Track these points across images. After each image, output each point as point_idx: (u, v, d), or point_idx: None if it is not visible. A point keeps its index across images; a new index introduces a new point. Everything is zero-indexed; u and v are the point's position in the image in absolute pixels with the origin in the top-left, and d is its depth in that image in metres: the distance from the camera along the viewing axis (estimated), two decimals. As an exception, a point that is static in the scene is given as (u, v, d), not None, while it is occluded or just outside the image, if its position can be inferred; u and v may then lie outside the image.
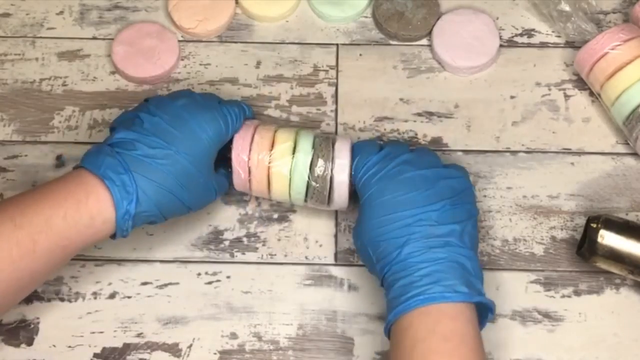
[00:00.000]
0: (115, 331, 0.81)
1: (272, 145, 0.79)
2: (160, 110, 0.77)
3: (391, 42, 0.95)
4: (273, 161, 0.79)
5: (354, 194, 0.80)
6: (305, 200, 0.80)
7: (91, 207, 0.72)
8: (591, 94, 0.91)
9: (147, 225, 0.77)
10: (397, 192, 0.75)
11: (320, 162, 0.79)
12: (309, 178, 0.79)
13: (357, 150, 0.80)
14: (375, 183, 0.76)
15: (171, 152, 0.75)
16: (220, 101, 0.81)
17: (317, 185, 0.79)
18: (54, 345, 0.80)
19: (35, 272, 0.71)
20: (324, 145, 0.80)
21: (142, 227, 0.77)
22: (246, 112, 0.82)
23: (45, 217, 0.71)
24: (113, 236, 0.75)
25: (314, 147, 0.79)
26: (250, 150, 0.79)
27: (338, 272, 0.84)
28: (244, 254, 0.84)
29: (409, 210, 0.74)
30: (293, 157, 0.79)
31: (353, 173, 0.79)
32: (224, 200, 0.86)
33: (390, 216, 0.74)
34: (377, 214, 0.75)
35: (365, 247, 0.75)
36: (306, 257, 0.84)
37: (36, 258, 0.71)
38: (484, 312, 0.73)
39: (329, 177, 0.79)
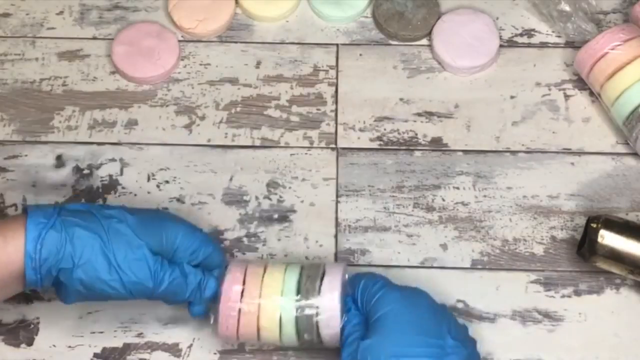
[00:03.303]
0: (115, 331, 0.81)
1: (260, 293, 0.73)
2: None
3: (391, 42, 0.95)
4: (261, 313, 0.73)
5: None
6: (299, 342, 0.75)
7: (7, 230, 0.69)
8: (591, 94, 0.91)
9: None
10: (425, 315, 0.71)
11: (306, 305, 0.72)
12: (296, 325, 0.73)
13: (357, 277, 0.75)
14: (395, 300, 0.71)
15: (117, 215, 0.71)
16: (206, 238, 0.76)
17: (306, 332, 0.73)
18: (54, 345, 0.80)
19: None
20: (310, 284, 0.73)
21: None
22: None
23: None
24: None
25: (299, 287, 0.73)
26: (240, 301, 0.73)
27: (338, 272, 0.84)
28: (244, 254, 0.84)
29: (440, 340, 0.69)
30: (280, 307, 0.73)
31: (360, 289, 0.73)
32: (224, 200, 0.86)
33: (422, 338, 0.69)
34: (405, 330, 0.70)
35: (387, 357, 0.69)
36: (306, 257, 0.84)
37: None
38: None
39: (314, 322, 0.73)
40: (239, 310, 0.73)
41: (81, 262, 0.69)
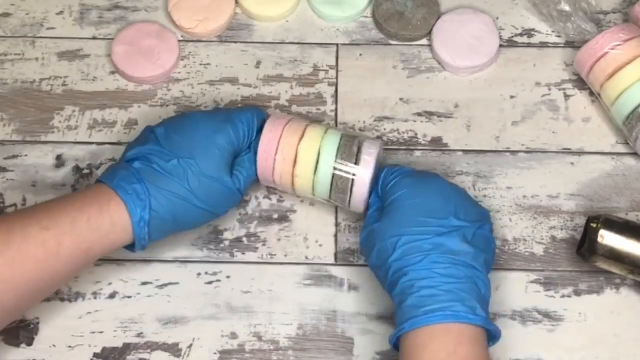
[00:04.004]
0: (115, 331, 0.81)
1: (301, 139, 0.80)
2: (169, 124, 0.79)
3: (391, 42, 0.95)
4: (300, 154, 0.79)
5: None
6: (330, 196, 0.80)
7: (112, 213, 0.74)
8: (591, 94, 0.91)
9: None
10: (432, 198, 0.75)
11: (345, 159, 0.79)
12: (333, 172, 0.79)
13: (382, 167, 0.80)
14: (408, 185, 0.76)
15: (182, 163, 0.76)
16: (231, 110, 0.82)
17: (340, 181, 0.79)
18: (54, 345, 0.80)
19: (56, 274, 0.72)
20: (351, 143, 0.79)
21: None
22: (259, 116, 0.82)
23: (70, 220, 0.72)
24: (133, 248, 0.76)
25: (340, 143, 0.79)
26: (279, 141, 0.80)
27: (338, 272, 0.84)
28: (244, 254, 0.84)
29: (443, 220, 0.73)
30: (320, 151, 0.79)
31: (383, 176, 0.79)
32: (224, 200, 0.86)
33: (423, 219, 0.73)
34: (409, 213, 0.74)
35: (385, 242, 0.74)
36: (306, 257, 0.84)
37: (59, 260, 0.72)
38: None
39: (351, 176, 0.78)
40: (277, 149, 0.79)
41: (187, 226, 0.79)
